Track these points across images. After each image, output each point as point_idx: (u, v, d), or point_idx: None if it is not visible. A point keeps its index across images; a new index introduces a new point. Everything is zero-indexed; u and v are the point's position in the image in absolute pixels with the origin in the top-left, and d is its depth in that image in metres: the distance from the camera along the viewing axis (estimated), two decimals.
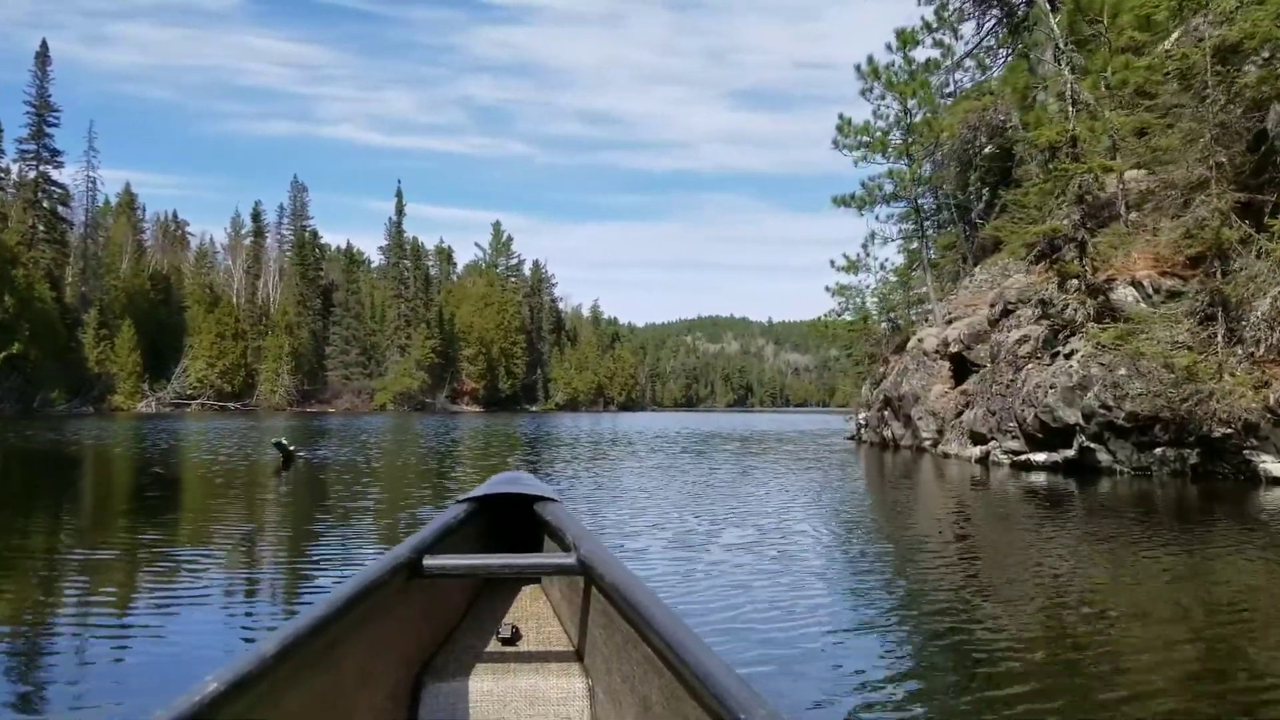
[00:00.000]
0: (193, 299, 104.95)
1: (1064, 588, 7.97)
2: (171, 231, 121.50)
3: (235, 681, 1.69)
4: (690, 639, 1.96)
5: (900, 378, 28.18)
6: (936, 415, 26.38)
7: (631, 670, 2.37)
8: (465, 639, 3.11)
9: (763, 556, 9.35)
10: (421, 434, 40.70)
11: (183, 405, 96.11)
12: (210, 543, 9.99)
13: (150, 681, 5.17)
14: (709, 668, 1.79)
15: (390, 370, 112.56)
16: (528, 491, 3.74)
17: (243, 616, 6.77)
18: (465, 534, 3.41)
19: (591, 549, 2.80)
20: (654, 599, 2.26)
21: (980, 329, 25.71)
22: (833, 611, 6.91)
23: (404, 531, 9.91)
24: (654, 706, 2.19)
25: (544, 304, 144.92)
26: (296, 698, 1.96)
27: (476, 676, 2.79)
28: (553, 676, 2.81)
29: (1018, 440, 20.39)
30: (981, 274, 29.33)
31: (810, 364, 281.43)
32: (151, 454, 25.21)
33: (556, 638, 3.15)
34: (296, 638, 1.93)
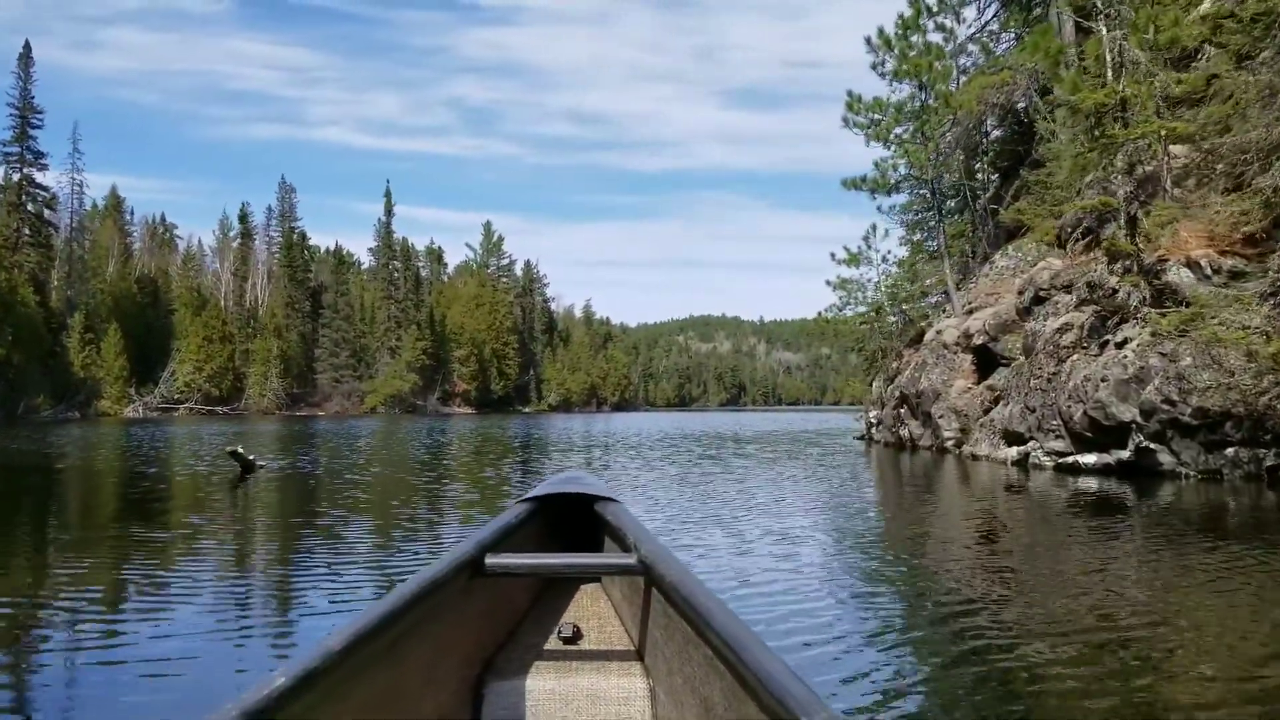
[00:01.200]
0: (180, 302, 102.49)
1: (1129, 614, 6.55)
2: (159, 234, 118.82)
3: (302, 676, 1.69)
4: (751, 640, 1.92)
5: (918, 373, 25.79)
6: (959, 413, 24.00)
7: (693, 671, 2.33)
8: (527, 638, 3.07)
9: (800, 572, 8.27)
10: (407, 439, 38.24)
11: (170, 410, 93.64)
12: (94, 594, 7.56)
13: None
14: (770, 669, 1.76)
15: (381, 372, 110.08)
16: (588, 491, 3.70)
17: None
18: (526, 533, 3.38)
19: (652, 549, 2.76)
20: (714, 599, 2.23)
21: (1007, 318, 23.33)
22: (871, 633, 6.19)
23: (373, 569, 8.46)
24: (715, 707, 2.14)
25: (536, 304, 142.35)
26: (361, 694, 1.97)
27: (539, 675, 2.76)
28: (614, 676, 2.77)
29: (1062, 440, 18.01)
30: (1003, 260, 26.97)
31: (802, 363, 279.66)
32: (109, 465, 22.76)
33: (618, 637, 3.12)
34: (362, 634, 1.92)
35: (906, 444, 26.67)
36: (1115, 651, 5.61)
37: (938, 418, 24.40)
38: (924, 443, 25.56)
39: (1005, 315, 23.40)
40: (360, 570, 8.41)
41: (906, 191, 46.75)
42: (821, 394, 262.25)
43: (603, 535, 3.62)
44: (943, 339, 25.46)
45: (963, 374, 24.65)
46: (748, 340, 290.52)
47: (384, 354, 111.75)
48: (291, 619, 6.67)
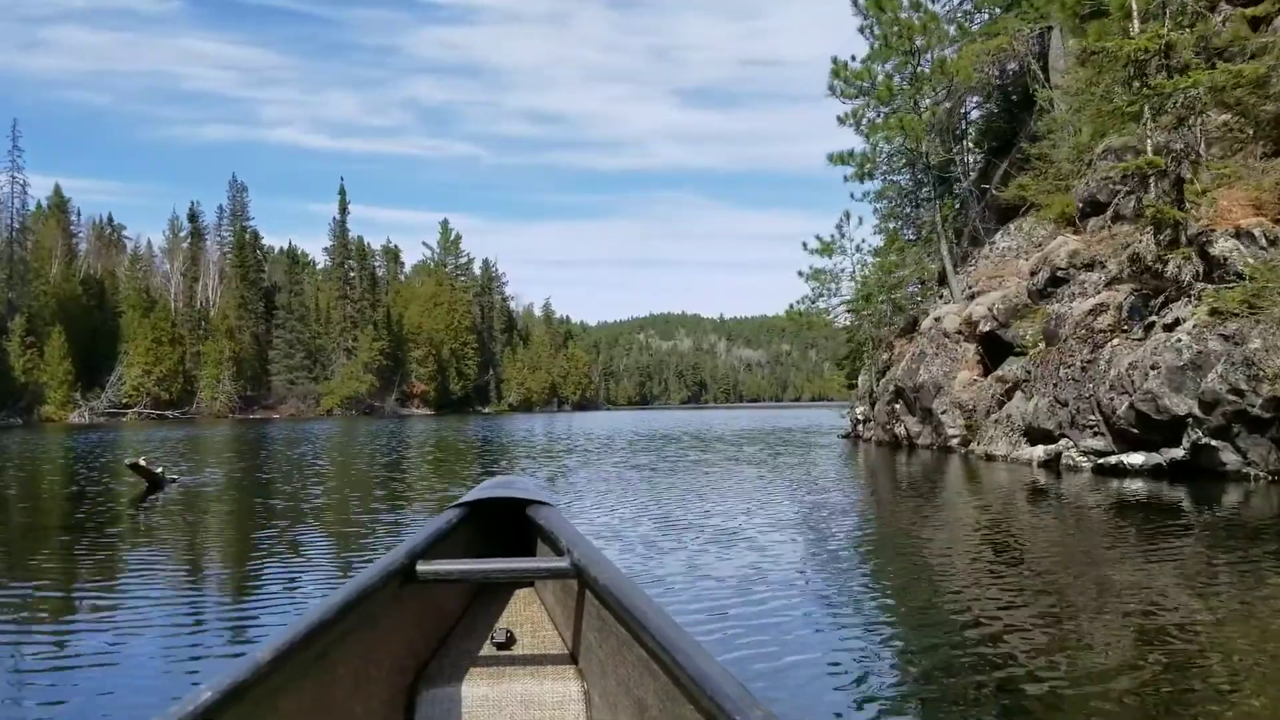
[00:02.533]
0: (128, 304, 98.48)
1: (1197, 650, 5.39)
2: (106, 235, 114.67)
3: (230, 690, 1.66)
4: (685, 641, 1.91)
5: (915, 364, 23.31)
6: (965, 408, 21.54)
7: (627, 673, 2.32)
8: (460, 644, 3.01)
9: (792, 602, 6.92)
10: (357, 443, 35.37)
11: (118, 415, 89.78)
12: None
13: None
14: (705, 670, 1.75)
15: (336, 374, 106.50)
16: (521, 495, 3.62)
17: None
18: (458, 539, 3.31)
19: (585, 552, 2.73)
20: (648, 601, 2.21)
21: (1018, 302, 20.90)
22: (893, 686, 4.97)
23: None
24: (650, 709, 2.14)
25: (495, 303, 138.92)
26: (291, 705, 1.93)
27: (472, 681, 2.72)
28: (548, 680, 2.74)
29: (1101, 437, 15.54)
30: (1004, 241, 24.55)
31: (763, 359, 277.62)
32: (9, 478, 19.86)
33: (551, 641, 3.07)
34: (290, 645, 1.89)
35: (902, 442, 24.19)
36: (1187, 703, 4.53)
37: (940, 414, 21.93)
38: (923, 441, 23.09)
39: (1015, 299, 20.96)
40: (260, 606, 6.98)
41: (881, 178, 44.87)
42: (782, 390, 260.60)
43: (536, 539, 3.54)
44: (943, 327, 23.00)
45: (966, 365, 22.21)
46: (708, 338, 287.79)
47: (340, 355, 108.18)
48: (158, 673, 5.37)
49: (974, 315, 22.38)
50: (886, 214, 45.47)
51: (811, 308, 46.80)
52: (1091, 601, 6.82)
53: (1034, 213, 24.24)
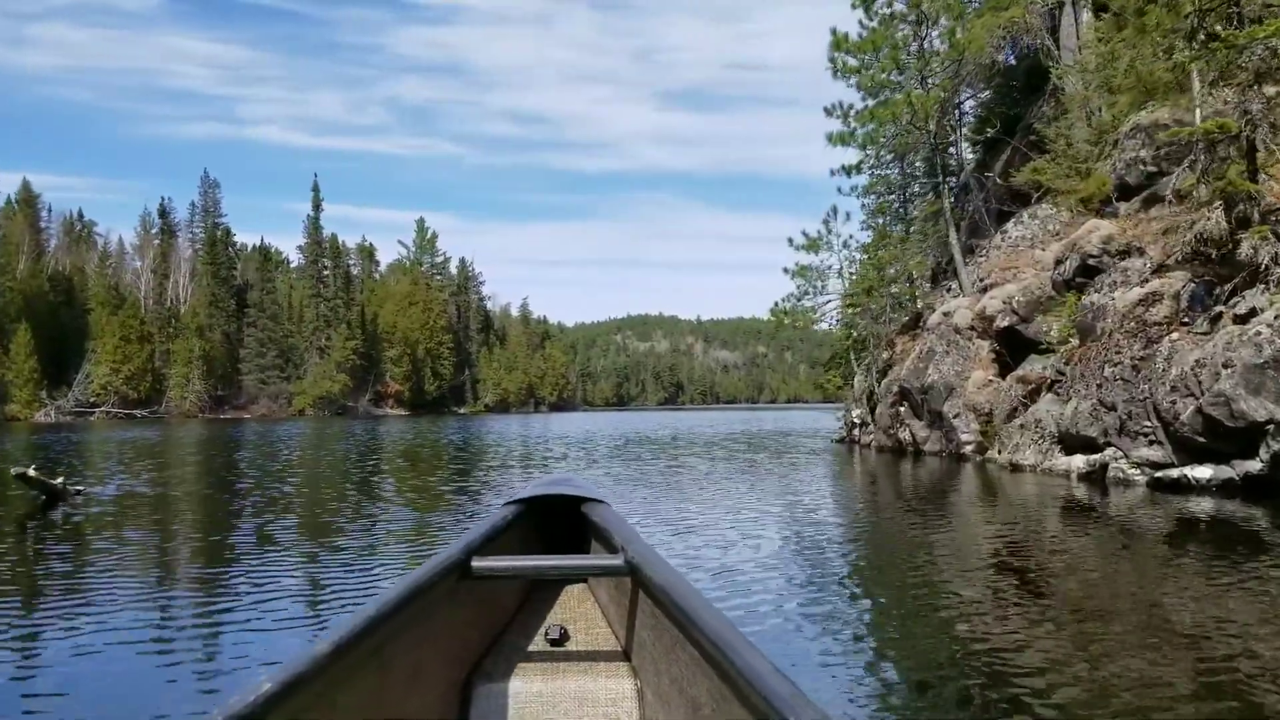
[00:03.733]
0: (96, 301, 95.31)
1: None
2: (77, 232, 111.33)
3: (289, 681, 1.66)
4: (738, 640, 1.87)
5: (922, 363, 20.97)
6: (979, 411, 19.22)
7: (680, 671, 2.29)
8: (514, 640, 3.00)
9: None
10: (320, 447, 32.80)
11: (85, 414, 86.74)
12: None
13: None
14: (757, 669, 1.72)
15: (309, 373, 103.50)
16: (575, 493, 3.61)
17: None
18: (514, 535, 3.31)
19: (639, 550, 2.70)
20: (701, 600, 2.18)
21: (1040, 294, 18.60)
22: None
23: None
24: (703, 708, 2.10)
25: (471, 303, 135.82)
26: (349, 697, 1.93)
27: (526, 677, 2.69)
28: (601, 677, 2.70)
29: (1159, 447, 13.20)
30: (1017, 229, 22.23)
31: (739, 361, 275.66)
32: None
33: (605, 639, 3.02)
34: (348, 638, 1.89)
35: (907, 448, 21.83)
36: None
37: (951, 417, 19.59)
38: (930, 447, 20.75)
39: (1038, 290, 18.66)
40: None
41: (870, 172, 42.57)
42: (758, 392, 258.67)
43: (590, 537, 3.54)
44: (953, 322, 20.67)
45: (980, 363, 19.89)
46: (685, 339, 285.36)
47: (313, 354, 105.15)
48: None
49: (988, 309, 20.07)
50: (875, 209, 43.40)
51: (797, 306, 44.65)
52: (1152, 645, 5.61)
53: (1050, 198, 21.96)
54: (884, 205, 42.27)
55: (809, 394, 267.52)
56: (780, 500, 13.72)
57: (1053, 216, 21.73)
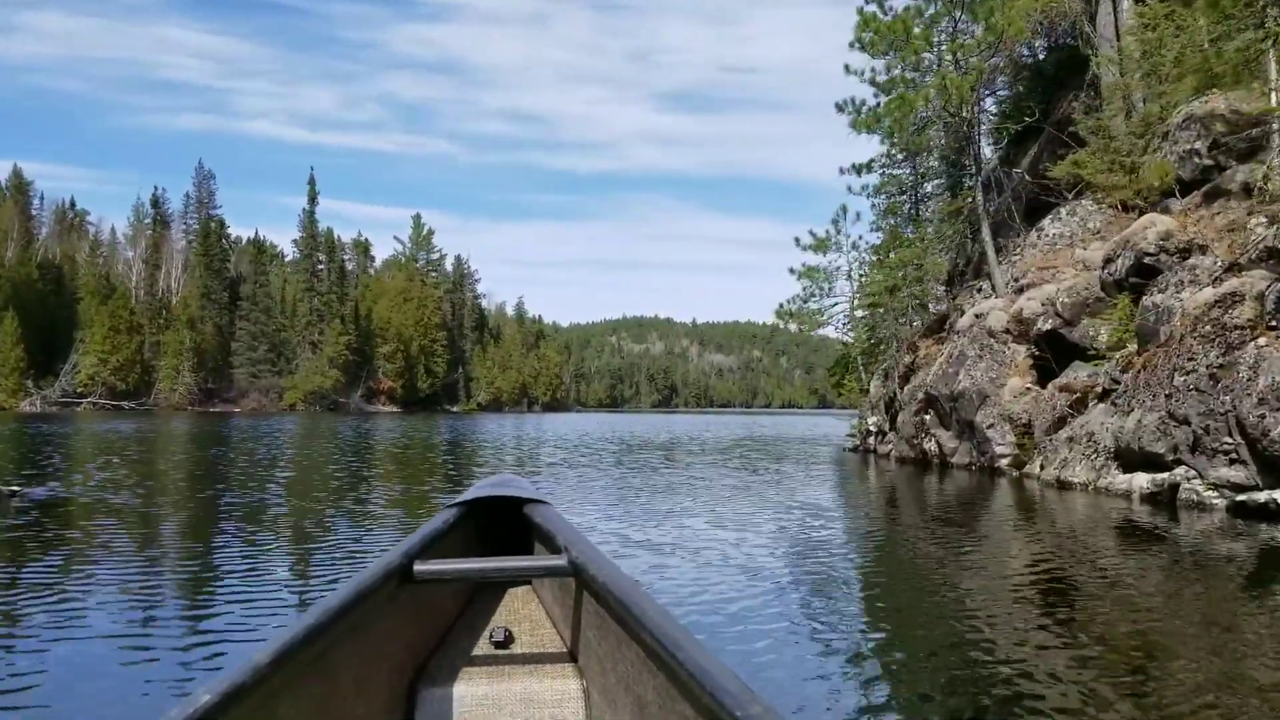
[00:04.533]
0: (86, 290, 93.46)
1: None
2: (69, 220, 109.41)
3: (229, 692, 1.63)
4: (684, 637, 1.87)
5: (952, 369, 19.32)
6: (1016, 422, 17.58)
7: (626, 670, 2.28)
8: (459, 643, 2.98)
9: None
10: (301, 445, 31.09)
11: (72, 404, 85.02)
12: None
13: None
14: (703, 665, 1.71)
15: (301, 368, 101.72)
16: (517, 494, 3.55)
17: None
18: (455, 538, 3.26)
19: (582, 550, 2.69)
20: (646, 598, 2.18)
21: (1087, 295, 16.99)
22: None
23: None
24: (649, 706, 2.10)
25: (466, 300, 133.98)
26: (291, 707, 1.89)
27: (471, 680, 2.67)
28: (547, 679, 2.69)
29: (1242, 466, 11.55)
30: (1054, 226, 20.59)
31: (734, 365, 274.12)
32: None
33: (550, 640, 3.03)
34: (289, 647, 1.86)
35: (932, 460, 20.18)
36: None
37: (985, 428, 17.95)
38: (959, 459, 19.11)
39: (1085, 291, 17.05)
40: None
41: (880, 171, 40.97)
42: (753, 397, 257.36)
43: (533, 538, 3.47)
44: (986, 325, 19.04)
45: (1017, 370, 18.26)
46: (680, 342, 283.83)
47: (305, 349, 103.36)
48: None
49: (1025, 311, 18.45)
50: (885, 209, 41.80)
51: (803, 308, 42.98)
52: (1233, 707, 4.49)
53: (1091, 194, 20.35)
54: (895, 205, 40.73)
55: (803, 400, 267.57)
56: (805, 519, 12.08)
57: (1093, 214, 20.12)
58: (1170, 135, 18.36)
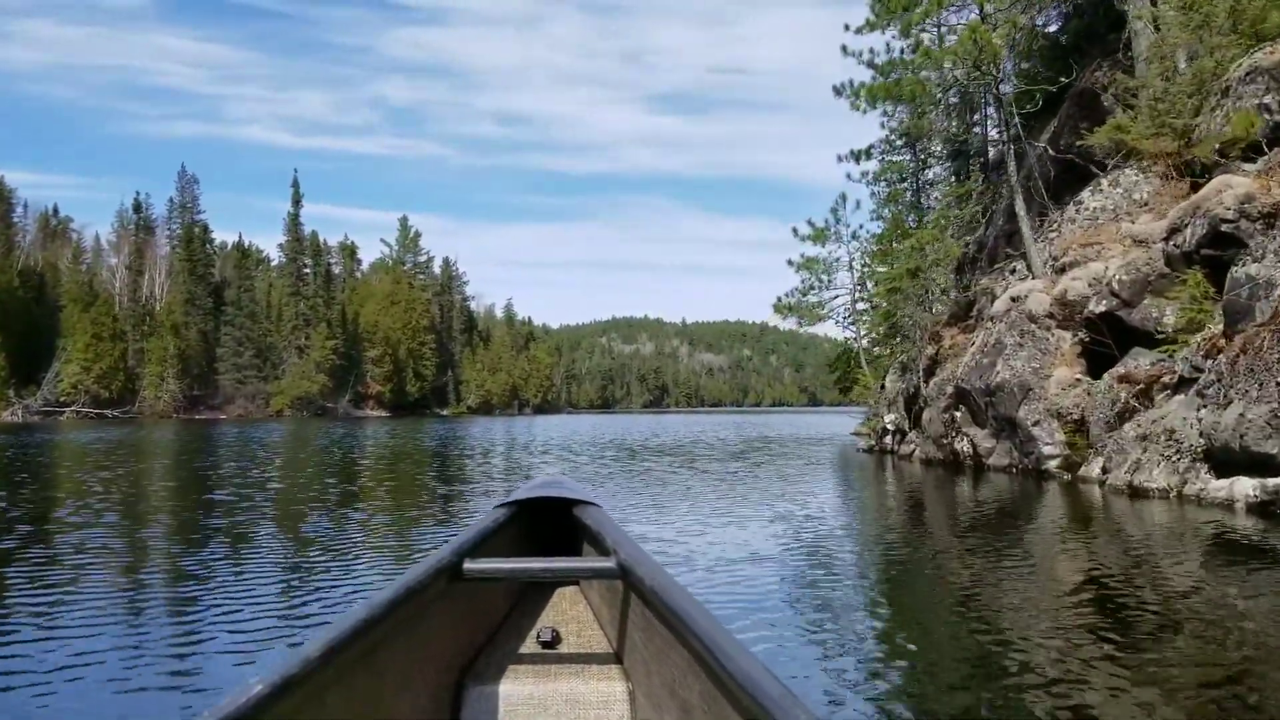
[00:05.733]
0: (68, 297, 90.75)
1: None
2: (52, 227, 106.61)
3: (280, 683, 1.64)
4: (730, 642, 1.83)
5: (987, 359, 16.92)
6: (1066, 417, 15.21)
7: (671, 674, 2.24)
8: (506, 642, 2.95)
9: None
10: (285, 452, 28.61)
11: (55, 414, 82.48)
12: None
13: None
14: (749, 671, 1.68)
15: (288, 373, 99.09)
16: (567, 495, 3.53)
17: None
18: (505, 538, 3.26)
19: (631, 552, 2.64)
20: (693, 602, 2.12)
21: (1148, 272, 14.63)
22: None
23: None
24: (694, 710, 2.07)
25: (455, 303, 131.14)
26: (340, 699, 1.89)
27: (517, 680, 2.65)
28: (593, 680, 2.64)
29: None
30: (1095, 199, 18.18)
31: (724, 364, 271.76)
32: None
33: (596, 641, 2.97)
34: (340, 640, 1.86)
35: (964, 461, 17.76)
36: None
37: (1030, 425, 15.55)
38: (997, 460, 16.71)
39: (1145, 268, 14.68)
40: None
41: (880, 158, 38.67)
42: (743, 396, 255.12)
43: (581, 539, 3.45)
44: (1026, 309, 16.65)
45: (1064, 359, 15.89)
46: (670, 342, 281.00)
47: (291, 354, 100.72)
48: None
49: (1070, 293, 16.07)
50: (886, 197, 39.50)
51: (802, 301, 40.64)
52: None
53: (1135, 162, 18.00)
54: (896, 193, 38.42)
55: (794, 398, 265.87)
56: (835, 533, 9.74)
57: (1138, 183, 17.76)
58: (1232, 90, 16.02)
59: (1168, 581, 7.26)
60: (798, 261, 39.90)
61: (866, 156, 38.50)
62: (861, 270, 39.62)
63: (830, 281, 40.88)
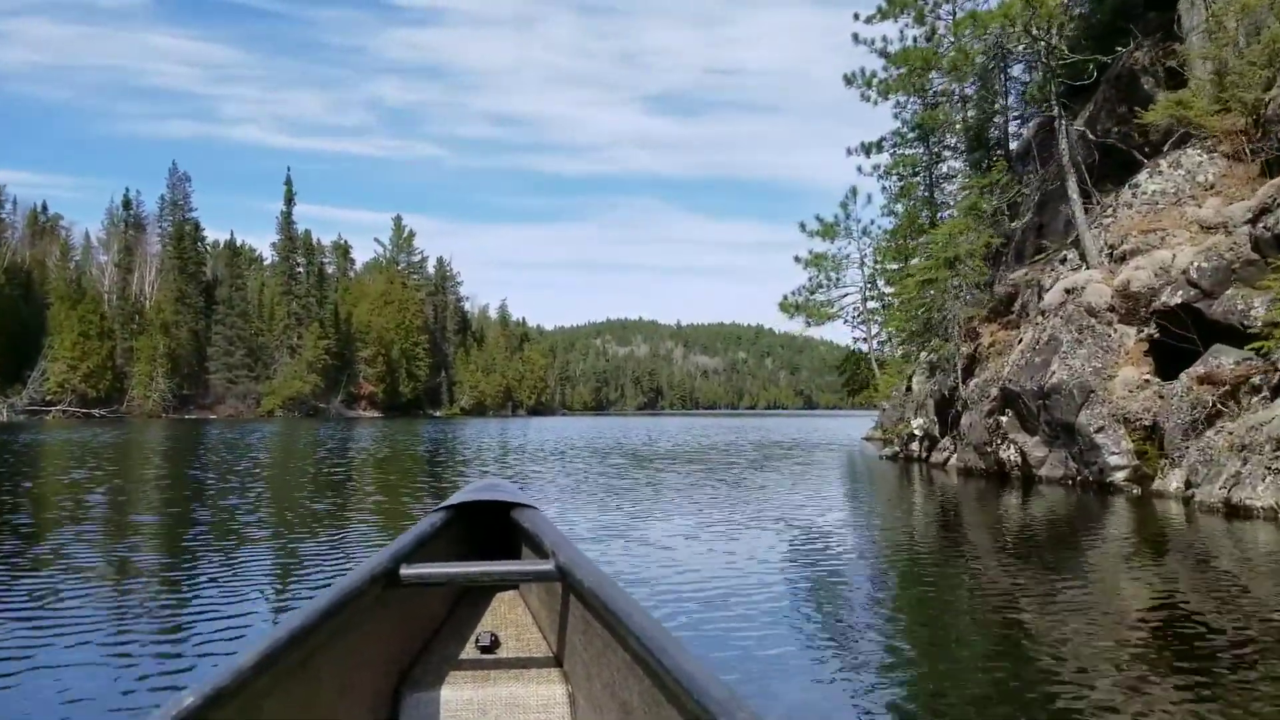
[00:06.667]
0: (55, 294, 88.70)
1: None
2: (42, 224, 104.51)
3: (212, 695, 1.59)
4: (669, 642, 1.82)
5: (1040, 357, 15.05)
6: (1134, 423, 13.39)
7: (611, 676, 2.21)
8: (444, 648, 2.91)
9: None
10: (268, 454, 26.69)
11: (41, 413, 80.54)
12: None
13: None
14: (690, 671, 1.66)
15: (279, 373, 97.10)
16: (504, 498, 3.46)
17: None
18: (442, 542, 3.16)
19: (569, 555, 2.61)
20: (632, 604, 2.10)
21: (1230, 260, 12.82)
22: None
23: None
24: (635, 711, 2.04)
25: (448, 303, 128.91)
26: (275, 709, 1.84)
27: (456, 685, 2.61)
28: (533, 684, 2.62)
29: None
30: (1154, 182, 16.31)
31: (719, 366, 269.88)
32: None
33: (536, 645, 2.95)
34: (274, 649, 1.82)
35: (1011, 471, 15.87)
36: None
37: (1092, 431, 13.70)
38: (1050, 471, 14.83)
39: (1228, 254, 12.86)
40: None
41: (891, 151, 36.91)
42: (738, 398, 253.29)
43: (520, 542, 3.40)
44: (1084, 301, 14.81)
45: (1130, 357, 14.06)
46: (665, 344, 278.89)
47: (283, 353, 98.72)
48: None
49: (1134, 283, 14.25)
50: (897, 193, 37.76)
51: (810, 300, 38.86)
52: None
53: (1197, 142, 16.19)
54: (910, 186, 36.71)
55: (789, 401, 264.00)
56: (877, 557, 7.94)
57: (1202, 165, 15.94)
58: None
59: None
60: (805, 258, 38.26)
61: (877, 149, 36.83)
62: (873, 268, 37.99)
63: (839, 280, 39.25)
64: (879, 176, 36.90)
